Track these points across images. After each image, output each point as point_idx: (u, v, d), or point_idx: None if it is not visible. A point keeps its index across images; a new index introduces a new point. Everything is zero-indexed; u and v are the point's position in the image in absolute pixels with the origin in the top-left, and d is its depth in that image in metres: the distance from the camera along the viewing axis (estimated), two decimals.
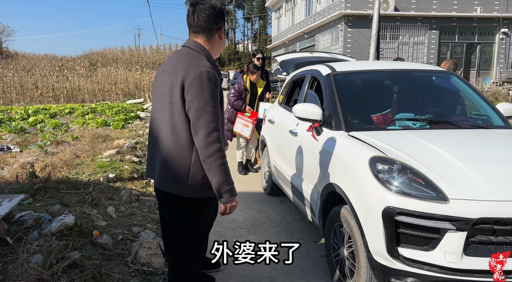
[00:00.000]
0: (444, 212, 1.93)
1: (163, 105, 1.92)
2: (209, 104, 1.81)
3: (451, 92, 3.30)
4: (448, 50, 21.43)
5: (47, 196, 4.04)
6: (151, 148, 2.06)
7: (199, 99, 1.80)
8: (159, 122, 1.96)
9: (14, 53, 46.52)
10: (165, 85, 1.90)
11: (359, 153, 2.35)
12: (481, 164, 2.15)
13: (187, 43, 2.00)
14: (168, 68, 1.95)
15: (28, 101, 20.97)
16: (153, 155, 2.02)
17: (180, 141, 1.87)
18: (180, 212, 2.00)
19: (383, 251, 2.04)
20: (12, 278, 2.23)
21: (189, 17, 1.96)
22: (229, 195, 1.88)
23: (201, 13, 1.92)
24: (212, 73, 1.84)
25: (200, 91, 1.80)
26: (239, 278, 2.78)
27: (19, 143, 7.15)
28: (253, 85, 5.65)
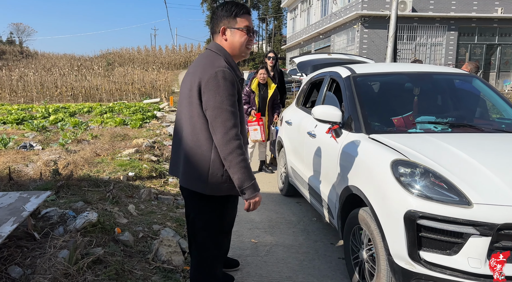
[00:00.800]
0: (467, 216, 1.92)
1: (185, 106, 2.00)
2: (225, 103, 1.85)
3: (473, 95, 3.26)
4: (467, 52, 21.03)
5: (70, 193, 4.15)
6: (175, 147, 2.12)
7: (216, 98, 1.85)
8: (182, 123, 2.03)
9: (34, 53, 47.66)
10: (186, 87, 1.99)
11: (380, 156, 2.35)
12: (505, 168, 2.13)
13: (209, 46, 2.08)
14: (190, 70, 2.04)
15: (48, 100, 21.48)
16: (177, 154, 2.08)
17: (200, 140, 1.92)
18: (202, 210, 2.06)
19: (404, 254, 2.04)
20: (40, 272, 2.31)
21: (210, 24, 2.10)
22: (252, 190, 1.91)
23: (212, 17, 2.06)
24: (227, 72, 1.88)
25: (216, 90, 1.85)
26: (257, 278, 2.81)
27: (41, 140, 7.34)
28: (261, 86, 5.66)
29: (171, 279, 2.71)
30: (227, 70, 1.89)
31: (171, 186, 4.99)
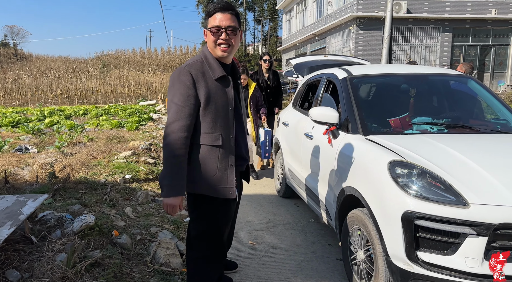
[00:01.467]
0: (464, 216, 1.93)
1: None
2: (176, 98, 1.92)
3: (469, 96, 3.29)
4: (462, 53, 21.18)
5: (67, 196, 4.13)
6: None
7: (169, 93, 1.96)
8: None
9: (28, 55, 47.35)
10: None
11: (378, 157, 2.36)
12: (501, 168, 2.15)
13: None
14: None
15: (43, 102, 21.36)
16: None
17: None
18: (191, 210, 2.13)
19: (402, 255, 2.06)
20: (38, 276, 2.31)
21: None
22: (167, 191, 1.92)
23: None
24: (184, 71, 1.94)
25: (171, 86, 1.97)
26: (255, 280, 2.81)
27: (37, 143, 7.30)
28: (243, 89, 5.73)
29: (169, 281, 2.70)
30: (184, 69, 1.95)
31: None
